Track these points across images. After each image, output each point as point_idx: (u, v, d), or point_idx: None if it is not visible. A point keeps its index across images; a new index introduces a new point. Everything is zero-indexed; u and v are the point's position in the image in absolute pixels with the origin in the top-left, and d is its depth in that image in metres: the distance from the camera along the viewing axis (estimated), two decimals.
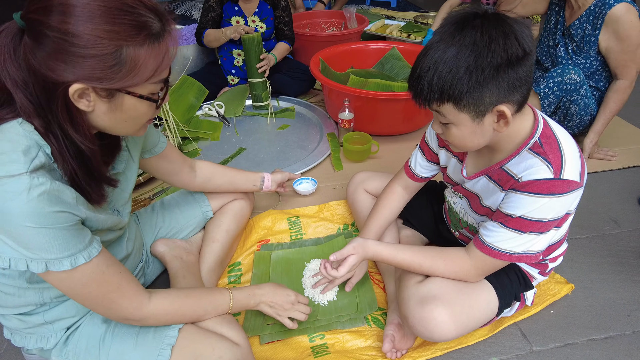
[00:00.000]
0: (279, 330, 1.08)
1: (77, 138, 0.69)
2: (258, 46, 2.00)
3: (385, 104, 1.79)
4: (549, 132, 0.83)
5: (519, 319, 1.11)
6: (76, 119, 0.68)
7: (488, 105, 0.75)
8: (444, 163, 1.06)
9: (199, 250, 1.24)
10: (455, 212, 1.08)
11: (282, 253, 1.31)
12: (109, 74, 0.64)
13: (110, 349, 0.85)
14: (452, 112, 0.77)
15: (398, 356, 1.01)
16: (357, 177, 1.37)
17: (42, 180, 0.65)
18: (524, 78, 0.74)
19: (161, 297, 0.84)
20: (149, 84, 0.70)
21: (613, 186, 1.64)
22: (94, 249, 0.73)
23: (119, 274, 0.78)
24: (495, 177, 0.89)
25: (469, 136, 0.81)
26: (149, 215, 1.21)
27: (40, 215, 0.64)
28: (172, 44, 0.71)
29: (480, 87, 0.73)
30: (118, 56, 0.64)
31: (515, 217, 0.82)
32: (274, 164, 1.75)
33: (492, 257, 0.87)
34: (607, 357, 1.04)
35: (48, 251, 0.67)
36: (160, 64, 0.69)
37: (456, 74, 0.73)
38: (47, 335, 0.88)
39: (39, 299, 0.83)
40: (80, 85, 0.64)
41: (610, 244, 1.37)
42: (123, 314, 0.80)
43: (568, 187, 0.79)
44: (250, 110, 2.17)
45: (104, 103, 0.68)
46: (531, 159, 0.81)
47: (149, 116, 0.76)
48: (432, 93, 0.76)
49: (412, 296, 0.93)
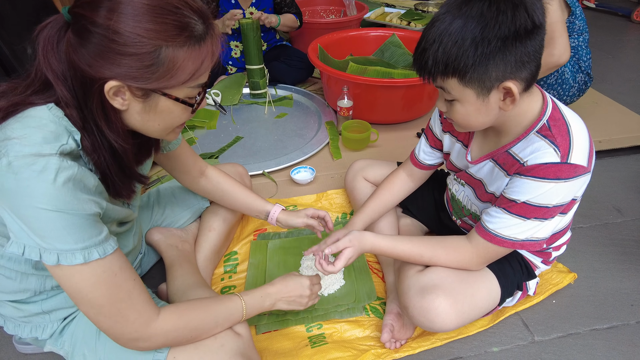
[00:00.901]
0: (275, 320, 1.06)
1: (110, 135, 0.69)
2: (256, 32, 1.95)
3: (384, 91, 1.75)
4: (558, 115, 0.80)
5: (521, 309, 1.09)
6: (110, 117, 0.68)
7: (494, 80, 0.72)
8: (448, 149, 1.03)
9: (194, 239, 1.22)
10: (457, 200, 1.05)
11: (279, 242, 1.28)
12: (145, 73, 0.63)
13: (108, 340, 0.82)
14: (457, 88, 0.75)
15: (397, 346, 0.99)
16: (356, 164, 1.34)
17: (70, 163, 0.64)
18: (533, 53, 0.72)
19: (169, 311, 0.77)
20: (185, 88, 0.68)
21: (616, 175, 1.62)
22: (110, 246, 0.69)
23: (132, 281, 0.72)
24: (501, 161, 0.86)
25: (473, 114, 0.78)
26: (144, 204, 1.19)
27: (60, 198, 0.62)
28: (214, 48, 0.69)
29: (486, 61, 0.70)
30: (156, 56, 0.63)
31: (520, 202, 0.80)
32: (271, 153, 1.72)
33: (494, 244, 0.85)
34: (610, 347, 1.02)
35: (62, 240, 0.64)
36: (199, 68, 0.67)
37: (461, 46, 0.70)
38: (43, 325, 0.86)
39: (40, 286, 0.80)
40: (116, 82, 0.63)
41: (614, 233, 1.35)
42: (129, 330, 0.72)
43: (575, 172, 0.76)
44: (248, 98, 2.13)
45: (139, 103, 0.67)
46: (538, 142, 0.79)
47: (182, 120, 0.75)
48: (437, 66, 0.73)
49: (412, 286, 0.90)
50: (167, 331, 0.76)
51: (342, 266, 0.92)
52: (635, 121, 1.89)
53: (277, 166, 1.61)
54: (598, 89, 2.19)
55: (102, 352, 0.83)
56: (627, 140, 1.76)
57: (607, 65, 2.64)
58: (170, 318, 0.76)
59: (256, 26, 1.94)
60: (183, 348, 0.80)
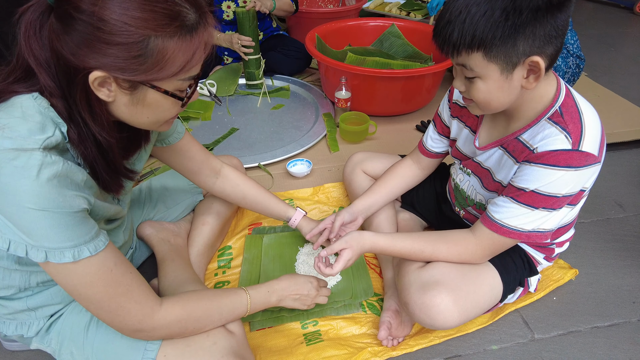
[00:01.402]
0: (270, 316, 1.03)
1: (94, 128, 0.65)
2: (252, 21, 1.90)
3: (383, 82, 1.71)
4: (571, 102, 0.78)
5: (521, 306, 1.07)
6: (95, 108, 0.64)
7: (521, 55, 0.69)
8: (455, 135, 1.01)
9: (187, 233, 1.19)
10: (461, 190, 1.02)
11: (275, 237, 1.25)
12: (132, 64, 0.60)
13: (96, 338, 0.80)
14: (481, 63, 0.71)
15: (394, 344, 0.97)
16: (355, 157, 1.31)
17: (54, 158, 0.60)
18: (561, 28, 0.69)
19: (172, 301, 0.76)
20: (176, 80, 0.65)
21: (619, 169, 1.59)
22: (101, 242, 0.66)
23: (129, 274, 0.71)
24: (511, 148, 0.84)
25: (495, 92, 0.75)
26: (136, 198, 1.16)
27: (45, 196, 0.59)
28: (207, 39, 0.65)
29: (516, 33, 0.67)
30: (144, 46, 0.59)
31: (528, 191, 0.78)
32: (267, 145, 1.69)
33: (500, 235, 0.82)
34: (611, 345, 1.00)
35: (49, 239, 0.61)
36: (190, 60, 0.63)
37: (491, 17, 0.67)
38: (29, 323, 0.83)
39: (24, 282, 0.78)
40: (101, 73, 0.60)
41: (615, 228, 1.33)
42: (132, 321, 0.71)
43: (586, 160, 0.74)
44: (244, 89, 2.09)
45: (125, 95, 0.64)
46: (549, 128, 0.76)
47: (173, 113, 0.71)
48: (464, 38, 0.69)
49: (413, 282, 0.88)
50: (170, 322, 0.75)
51: (340, 269, 0.89)
52: (638, 115, 1.87)
53: (273, 159, 1.58)
54: (600, 82, 2.16)
55: (89, 350, 0.80)
56: (630, 134, 1.73)
57: (609, 58, 2.61)
58: (173, 309, 0.75)
59: (252, 15, 1.89)
60: (174, 346, 0.78)
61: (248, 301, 0.86)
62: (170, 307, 0.75)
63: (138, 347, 0.77)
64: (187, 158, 0.99)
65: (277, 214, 1.11)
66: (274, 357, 0.95)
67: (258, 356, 0.95)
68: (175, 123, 0.95)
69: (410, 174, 1.13)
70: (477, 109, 0.81)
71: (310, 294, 0.94)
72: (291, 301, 0.92)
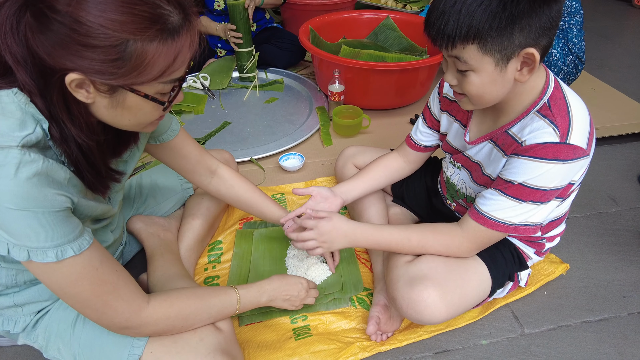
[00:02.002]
0: (259, 311, 1.03)
1: (73, 130, 0.63)
2: (244, 13, 1.88)
3: (377, 75, 1.70)
4: (560, 95, 0.77)
5: (511, 300, 1.07)
6: (73, 110, 0.62)
7: (516, 47, 0.69)
8: (445, 129, 1.00)
9: (177, 228, 1.18)
10: (452, 184, 1.02)
11: (265, 231, 1.25)
12: (110, 68, 0.57)
13: (82, 334, 0.80)
14: (476, 56, 0.70)
15: (383, 339, 0.97)
16: (347, 151, 1.30)
17: (33, 156, 0.58)
18: (555, 19, 0.69)
19: (160, 299, 0.76)
20: (157, 83, 0.62)
21: (612, 163, 1.58)
22: (85, 241, 0.65)
23: (115, 272, 0.70)
24: (500, 142, 0.83)
25: (488, 85, 0.74)
26: (126, 192, 1.15)
27: (24, 195, 0.57)
28: (192, 42, 0.63)
29: (512, 24, 0.66)
30: (122, 50, 0.56)
31: (516, 183, 0.77)
32: (260, 139, 1.67)
33: (487, 228, 0.82)
34: (601, 340, 1.00)
35: (31, 238, 0.60)
36: (171, 64, 0.61)
37: (488, 7, 0.66)
38: (15, 319, 0.83)
39: (10, 280, 0.77)
40: (77, 75, 0.57)
41: (608, 223, 1.32)
42: (119, 319, 0.71)
43: (574, 153, 0.73)
44: (237, 82, 2.07)
45: (105, 97, 0.62)
46: (538, 121, 0.76)
47: (155, 116, 0.69)
48: (459, 29, 0.68)
49: (401, 276, 0.87)
50: (157, 319, 0.74)
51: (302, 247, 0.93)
52: (634, 108, 1.86)
53: (266, 153, 1.57)
54: (597, 75, 2.14)
55: (76, 346, 0.80)
56: (625, 128, 1.72)
57: (606, 51, 2.59)
58: (160, 307, 0.75)
59: (243, 7, 1.87)
60: (161, 342, 0.78)
61: (238, 301, 0.85)
62: (157, 305, 0.75)
63: (125, 344, 0.77)
64: (182, 156, 0.97)
65: (269, 216, 1.10)
66: (263, 351, 0.94)
67: (247, 351, 0.95)
68: (170, 120, 0.93)
69: (395, 166, 1.13)
70: (469, 103, 0.80)
71: (300, 295, 0.95)
72: (281, 301, 0.93)
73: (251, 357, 0.93)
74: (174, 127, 0.94)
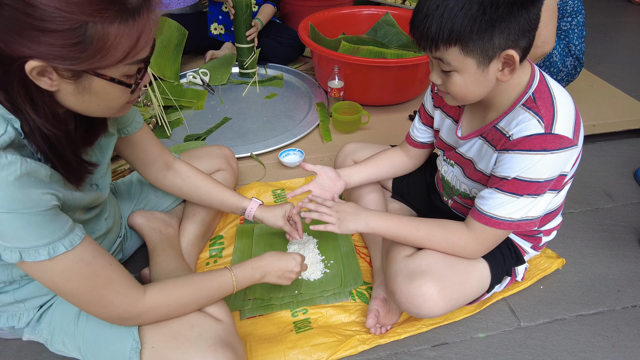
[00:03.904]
0: (260, 305, 1.04)
1: (38, 121, 0.61)
2: (247, 10, 1.89)
3: (377, 71, 1.71)
4: (544, 88, 0.79)
5: (508, 294, 1.09)
6: (36, 99, 0.60)
7: (497, 49, 0.71)
8: (438, 125, 1.02)
9: (179, 223, 1.19)
10: (447, 181, 1.03)
11: (266, 227, 1.26)
12: (71, 53, 0.55)
13: (86, 328, 0.81)
14: (458, 57, 0.73)
15: (382, 332, 0.99)
16: (346, 147, 1.31)
17: (11, 158, 0.58)
18: (534, 22, 0.71)
19: (157, 289, 0.76)
20: (122, 66, 0.61)
21: (608, 159, 1.60)
22: (76, 236, 0.66)
23: (109, 266, 0.70)
24: (490, 137, 0.85)
25: (471, 85, 0.76)
26: (127, 187, 1.16)
27: (9, 198, 0.57)
28: (152, 21, 0.61)
29: (492, 27, 0.69)
30: (82, 33, 0.54)
31: (510, 178, 0.79)
32: (260, 135, 1.68)
33: (490, 227, 0.83)
34: (595, 333, 1.02)
35: (21, 239, 0.60)
36: (135, 44, 0.59)
37: (469, 11, 0.68)
38: (19, 314, 0.84)
39: (7, 276, 0.78)
40: (37, 62, 0.55)
41: (604, 218, 1.34)
42: (116, 312, 0.72)
43: (560, 143, 0.75)
44: (237, 78, 2.08)
45: (70, 84, 0.60)
46: (523, 114, 0.78)
47: (124, 100, 0.67)
48: (442, 32, 0.70)
49: (400, 271, 0.89)
50: (155, 308, 0.76)
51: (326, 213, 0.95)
52: (630, 105, 1.87)
53: (266, 148, 1.58)
54: (594, 72, 2.15)
55: (80, 340, 0.81)
56: (621, 124, 1.74)
57: (604, 47, 2.60)
58: (157, 296, 0.76)
59: (246, 4, 1.87)
60: (161, 337, 0.79)
61: (233, 279, 0.86)
62: (154, 294, 0.76)
63: (127, 338, 0.78)
64: (143, 150, 0.96)
65: (232, 205, 1.07)
66: (264, 344, 0.96)
67: (248, 344, 0.96)
68: (134, 112, 0.92)
69: (398, 160, 1.15)
70: (453, 100, 0.83)
71: (294, 270, 0.93)
72: (275, 278, 0.92)
73: (252, 350, 0.95)
74: (138, 119, 0.93)
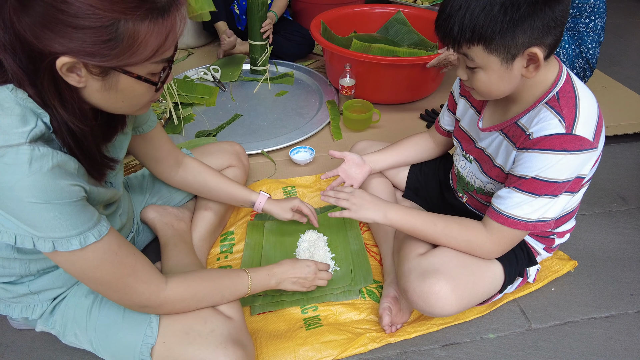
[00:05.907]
0: (270, 301, 1.05)
1: (66, 116, 0.62)
2: (262, 7, 1.89)
3: (388, 70, 1.70)
4: (569, 88, 0.79)
5: (519, 295, 1.08)
6: (64, 95, 0.61)
7: (520, 47, 0.71)
8: (460, 114, 1.02)
9: (190, 218, 1.19)
10: (462, 177, 1.03)
11: (277, 223, 1.26)
12: (102, 49, 0.56)
13: (98, 320, 0.82)
14: (482, 55, 0.73)
15: (393, 330, 0.98)
16: (358, 145, 1.32)
17: (43, 151, 0.59)
18: (560, 19, 0.71)
19: (177, 280, 0.79)
20: (149, 64, 0.62)
21: (622, 162, 1.58)
22: (104, 227, 0.68)
23: (133, 255, 0.73)
24: (510, 133, 0.85)
25: (496, 82, 0.77)
26: (139, 182, 1.17)
27: (44, 189, 0.59)
28: (181, 20, 0.62)
29: (514, 27, 0.69)
30: (114, 31, 0.55)
31: (529, 178, 0.79)
32: (270, 132, 1.69)
33: (507, 227, 0.83)
34: (607, 337, 1.01)
35: (55, 229, 0.62)
36: (163, 43, 0.61)
37: (490, 12, 0.69)
38: (33, 305, 0.85)
39: (24, 270, 0.79)
40: (68, 59, 0.56)
41: (617, 221, 1.33)
42: (139, 299, 0.74)
43: (580, 144, 0.75)
44: (248, 75, 2.08)
45: (97, 81, 0.61)
46: (545, 112, 0.78)
47: (148, 98, 0.69)
48: (463, 33, 0.72)
49: (413, 269, 0.89)
50: (174, 300, 0.78)
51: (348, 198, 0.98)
52: None
53: (276, 146, 1.58)
54: (608, 73, 2.13)
55: (92, 333, 0.82)
56: (635, 127, 1.72)
57: (618, 48, 2.57)
58: (178, 287, 0.79)
59: (262, 1, 1.88)
60: (174, 332, 0.80)
61: (249, 282, 0.88)
62: (175, 286, 0.78)
63: (139, 333, 0.79)
64: (155, 148, 0.98)
65: (241, 199, 1.10)
66: (274, 341, 0.96)
67: (258, 340, 0.97)
68: (149, 111, 0.93)
69: (425, 145, 1.17)
70: (479, 95, 0.83)
71: (308, 277, 0.96)
72: (290, 284, 0.95)
73: (262, 346, 0.95)
74: (153, 117, 0.94)
